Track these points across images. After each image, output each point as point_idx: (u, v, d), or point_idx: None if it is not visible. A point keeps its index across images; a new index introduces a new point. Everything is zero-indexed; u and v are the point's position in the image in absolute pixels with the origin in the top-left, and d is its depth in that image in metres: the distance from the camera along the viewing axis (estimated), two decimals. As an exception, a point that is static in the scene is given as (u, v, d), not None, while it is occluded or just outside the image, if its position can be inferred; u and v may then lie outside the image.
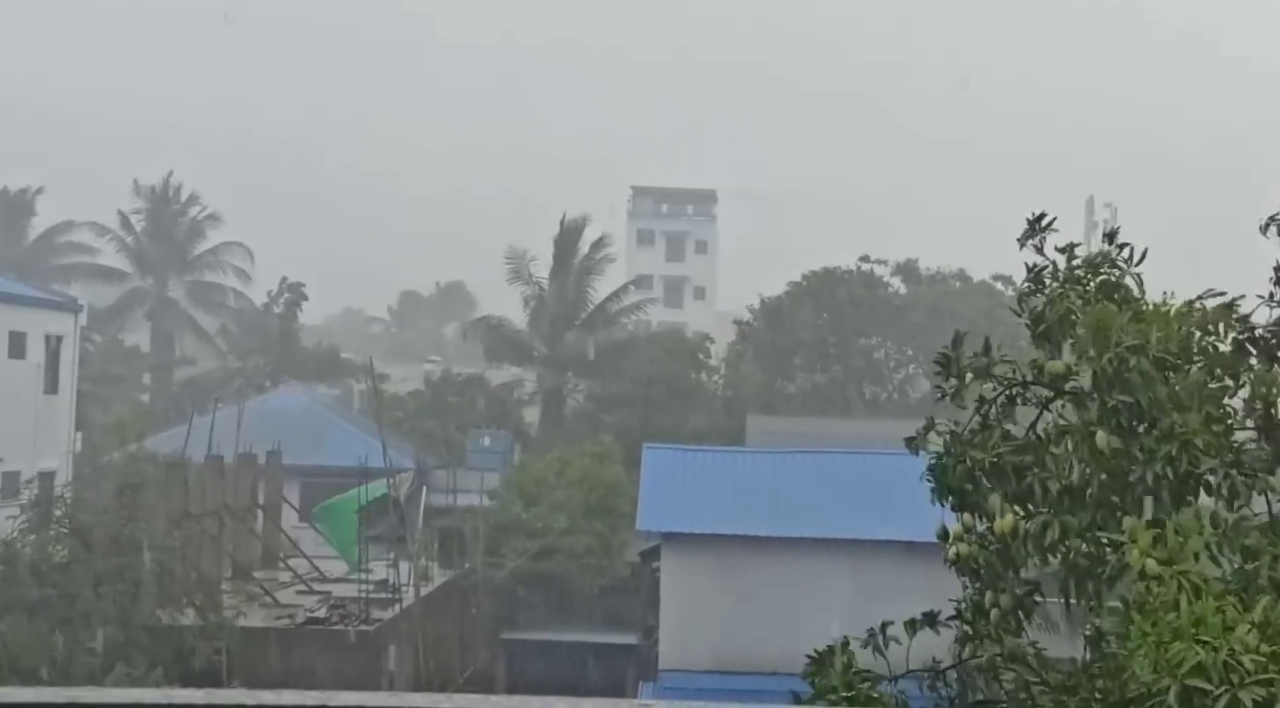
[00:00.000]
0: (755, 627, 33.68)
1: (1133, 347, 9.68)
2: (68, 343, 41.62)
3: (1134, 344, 9.69)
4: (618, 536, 48.00)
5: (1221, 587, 8.51)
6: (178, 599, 31.89)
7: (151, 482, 37.06)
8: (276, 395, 61.74)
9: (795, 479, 37.36)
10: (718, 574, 34.86)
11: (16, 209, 75.51)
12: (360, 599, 36.68)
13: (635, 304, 73.35)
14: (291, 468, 47.96)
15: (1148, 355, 9.68)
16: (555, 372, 69.81)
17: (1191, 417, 9.53)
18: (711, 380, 70.56)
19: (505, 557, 48.02)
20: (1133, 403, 9.63)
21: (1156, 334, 9.77)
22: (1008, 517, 10.15)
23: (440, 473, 50.01)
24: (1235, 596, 8.39)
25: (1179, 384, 9.76)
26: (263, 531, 44.15)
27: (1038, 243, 10.98)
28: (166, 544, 32.19)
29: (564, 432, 63.55)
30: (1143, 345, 9.70)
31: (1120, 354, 9.67)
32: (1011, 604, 10.40)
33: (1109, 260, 10.82)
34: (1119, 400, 9.65)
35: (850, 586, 32.64)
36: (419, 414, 62.18)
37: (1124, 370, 9.65)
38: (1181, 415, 9.55)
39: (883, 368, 69.81)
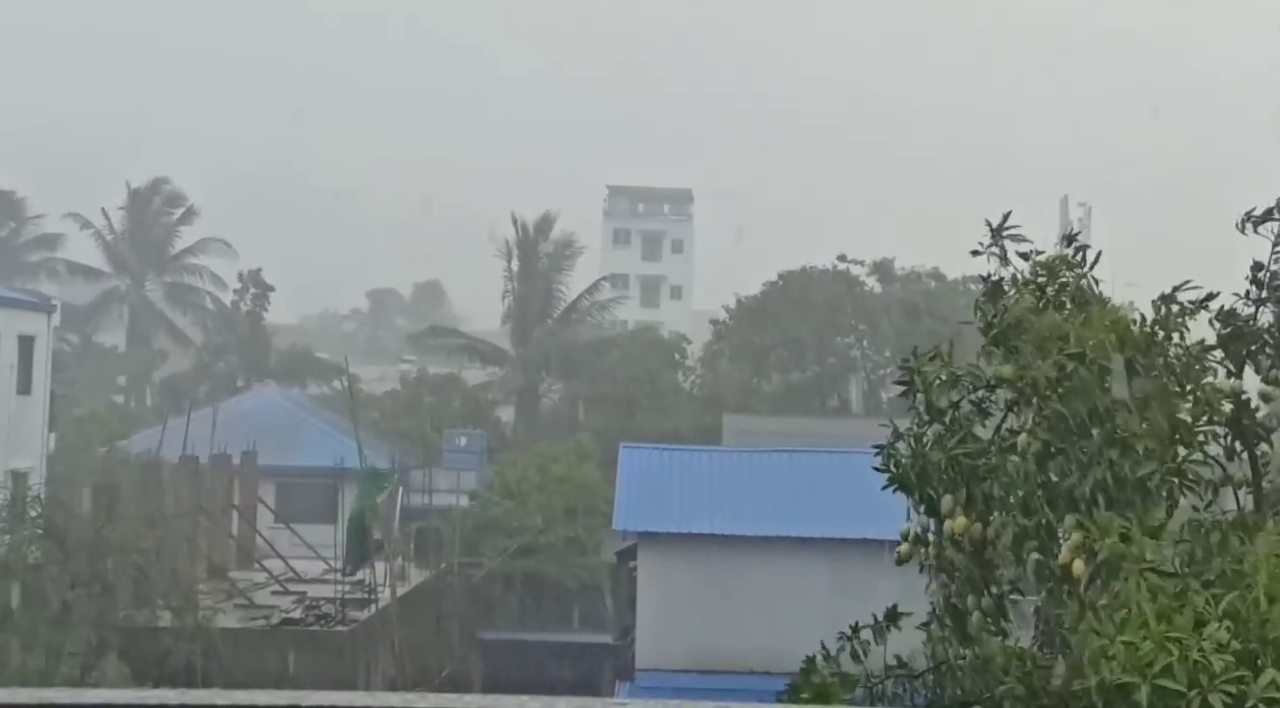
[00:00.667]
0: (733, 626, 33.73)
1: (1072, 354, 9.78)
2: (41, 343, 41.41)
3: (1074, 352, 9.79)
4: (594, 535, 48.06)
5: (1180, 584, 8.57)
6: (153, 601, 31.80)
7: (126, 482, 36.96)
8: (251, 396, 61.64)
9: (772, 478, 37.42)
10: (695, 573, 34.89)
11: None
12: (337, 600, 36.63)
13: (608, 301, 73.39)
14: (267, 468, 47.86)
15: (1085, 363, 9.78)
16: (530, 371, 69.80)
17: (1133, 420, 9.62)
18: (688, 380, 70.63)
19: (482, 557, 48.04)
20: (1071, 411, 9.73)
21: (1095, 340, 9.85)
22: (959, 519, 10.26)
23: (416, 473, 49.95)
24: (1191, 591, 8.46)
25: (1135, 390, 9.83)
26: (238, 531, 44.05)
27: (999, 249, 11.02)
28: (142, 545, 32.06)
29: (540, 431, 63.57)
30: (1082, 354, 9.80)
31: (1059, 361, 9.78)
32: (990, 607, 10.46)
33: (1067, 263, 10.87)
34: (1054, 409, 9.77)
35: (827, 584, 32.71)
36: (395, 414, 62.15)
37: (1063, 378, 9.76)
38: (1125, 419, 9.64)
39: (859, 367, 69.99)
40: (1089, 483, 9.57)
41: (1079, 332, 9.97)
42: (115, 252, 76.32)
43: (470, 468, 53.46)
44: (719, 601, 34.29)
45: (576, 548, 48.54)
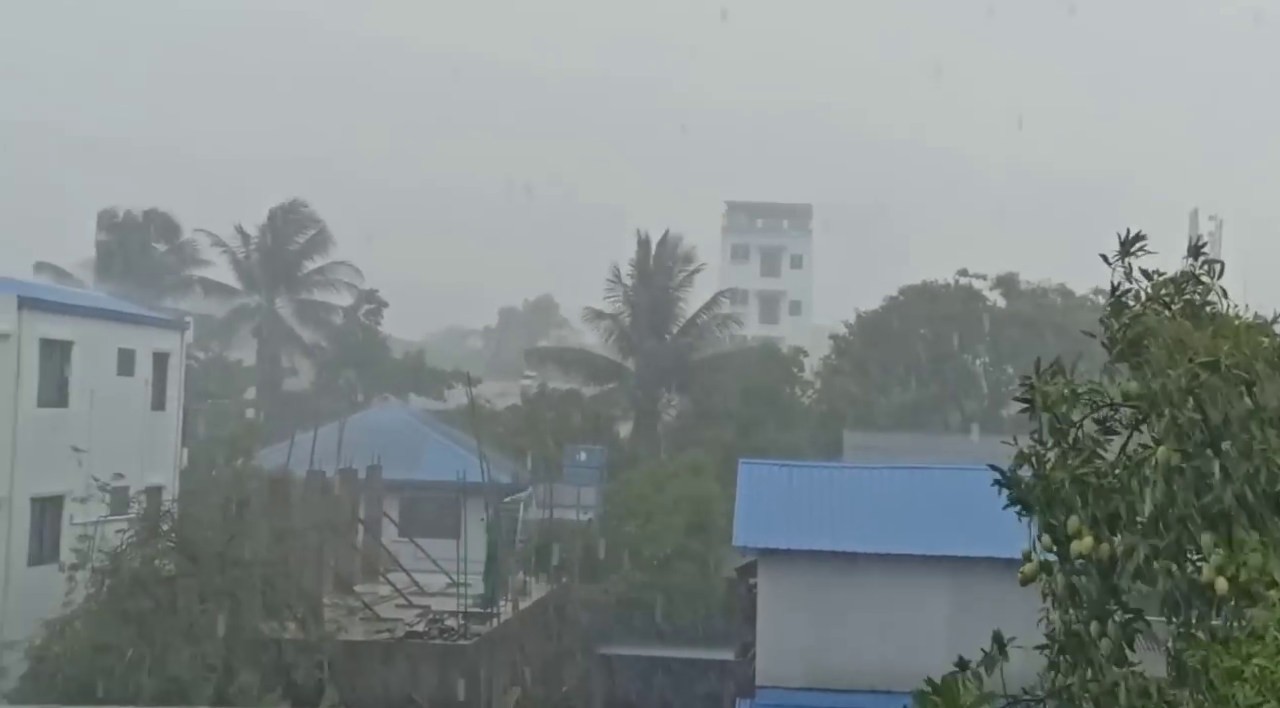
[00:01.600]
0: (852, 643, 33.60)
1: (1205, 363, 9.62)
2: (174, 359, 42.40)
3: (1207, 360, 9.62)
4: (713, 551, 48.06)
5: None
6: (281, 613, 32.36)
7: (255, 497, 37.68)
8: (376, 411, 62.55)
9: (892, 495, 37.21)
10: (814, 591, 34.79)
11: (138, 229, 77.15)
12: (459, 614, 37.01)
13: (726, 316, 73.42)
14: (391, 483, 48.51)
15: (1220, 371, 9.60)
16: (648, 386, 69.97)
17: (1271, 434, 9.43)
18: (807, 395, 70.38)
19: (602, 572, 48.25)
20: (1202, 420, 9.56)
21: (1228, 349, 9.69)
22: (1086, 539, 10.09)
23: (537, 488, 50.35)
24: None
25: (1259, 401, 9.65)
26: (363, 545, 44.67)
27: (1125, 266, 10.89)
28: (270, 559, 32.66)
29: (659, 446, 63.71)
30: (1216, 361, 9.62)
31: (1192, 370, 9.61)
32: (1116, 633, 10.31)
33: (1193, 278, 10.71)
34: (1189, 417, 9.58)
35: (948, 603, 32.49)
36: (516, 429, 62.67)
37: (1195, 387, 9.58)
38: (1262, 432, 9.45)
39: (980, 383, 69.28)
40: (1226, 499, 9.42)
41: (1210, 341, 9.83)
42: (249, 270, 77.96)
43: (590, 483, 53.74)
44: (839, 618, 34.18)
45: (696, 564, 48.57)
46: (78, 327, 37.48)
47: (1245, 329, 10.00)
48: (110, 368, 38.68)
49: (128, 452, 38.28)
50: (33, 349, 35.20)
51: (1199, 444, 9.70)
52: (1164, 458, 9.64)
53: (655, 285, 71.14)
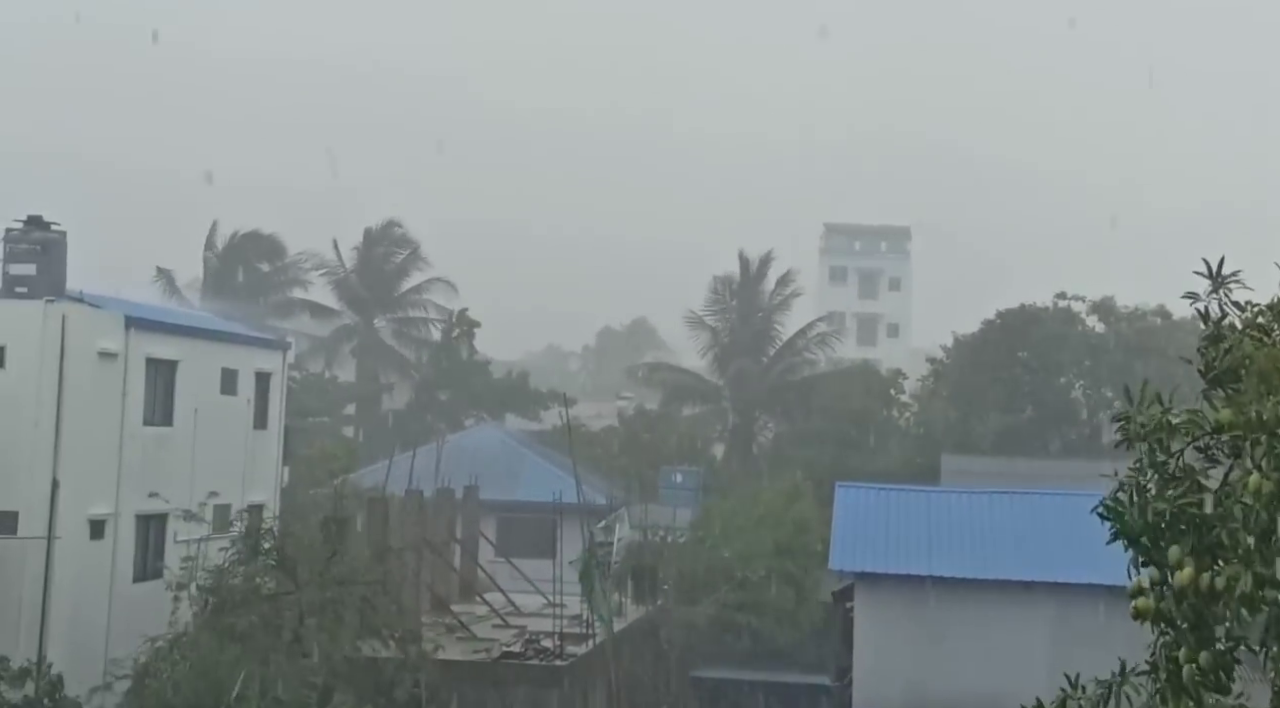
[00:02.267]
0: (951, 670, 33.34)
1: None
2: (276, 379, 42.98)
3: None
4: (810, 574, 47.81)
5: None
6: (379, 631, 32.63)
7: (354, 515, 38.07)
8: (474, 431, 63.00)
9: (991, 520, 36.91)
10: (912, 616, 34.58)
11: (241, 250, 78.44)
12: (555, 634, 37.13)
13: (823, 337, 73.16)
14: (488, 503, 48.84)
15: None
16: (743, 407, 69.90)
17: None
18: (904, 418, 69.94)
19: (699, 593, 48.16)
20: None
21: None
22: (1187, 570, 10.02)
23: (634, 509, 50.43)
24: None
25: None
26: (460, 565, 44.98)
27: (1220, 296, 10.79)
28: (369, 577, 32.96)
29: (754, 468, 63.58)
30: None
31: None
32: (1211, 662, 10.20)
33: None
34: None
35: (1049, 631, 32.16)
36: (613, 450, 62.82)
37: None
38: None
39: (1079, 408, 68.47)
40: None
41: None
42: (348, 289, 78.88)
43: (686, 504, 53.74)
44: (937, 644, 33.93)
45: (793, 587, 48.36)
46: (183, 346, 38.10)
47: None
48: (214, 387, 39.27)
49: (230, 470, 38.85)
50: (139, 368, 35.84)
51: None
52: (1254, 486, 9.58)
53: (754, 306, 71.15)
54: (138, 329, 35.93)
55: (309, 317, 78.11)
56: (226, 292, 72.52)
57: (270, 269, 78.63)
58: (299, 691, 29.29)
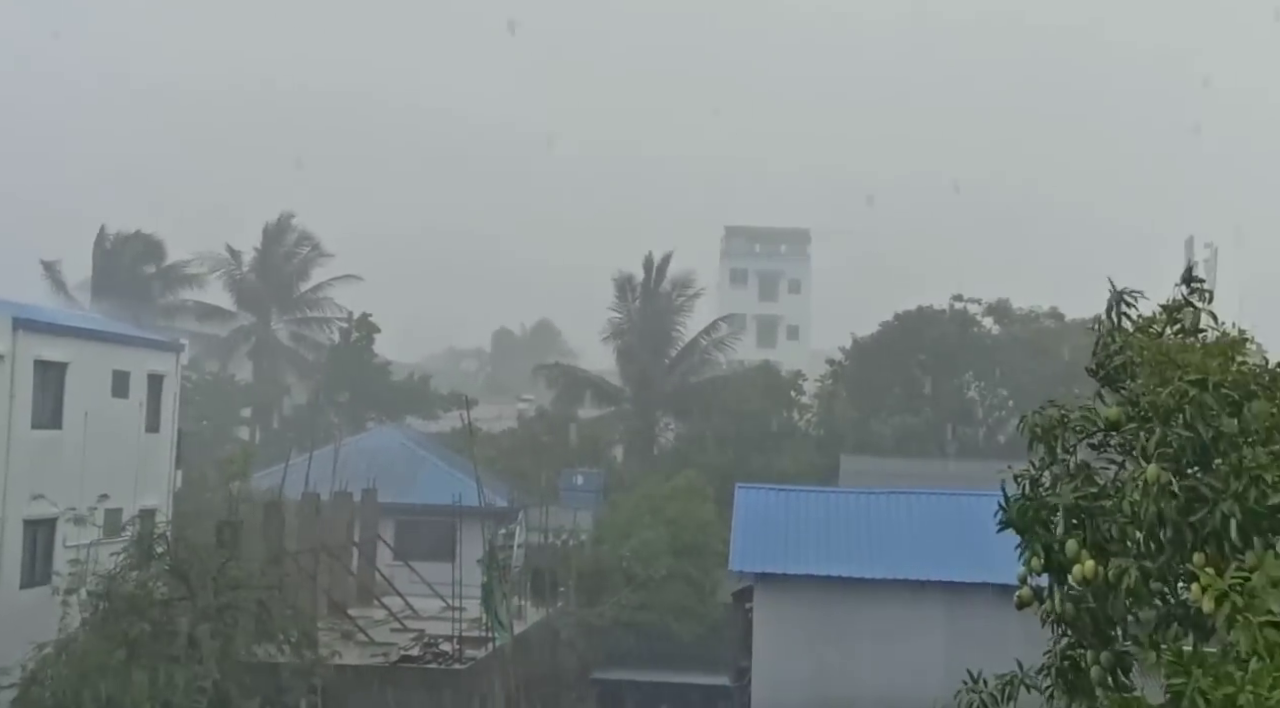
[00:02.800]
0: (848, 669, 33.49)
1: (1195, 380, 9.61)
2: (169, 381, 42.31)
3: (1196, 378, 9.62)
4: (710, 575, 47.89)
5: None
6: (274, 636, 32.20)
7: (250, 519, 37.54)
8: (372, 434, 62.40)
9: (889, 520, 37.14)
10: (811, 616, 34.69)
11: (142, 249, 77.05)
12: (454, 638, 36.86)
13: (724, 340, 73.33)
14: (387, 506, 48.39)
15: (1208, 388, 9.59)
16: (645, 409, 69.90)
17: (1259, 451, 9.42)
18: (804, 419, 70.27)
19: (599, 595, 48.08)
20: (1193, 437, 9.55)
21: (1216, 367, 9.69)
22: (1087, 563, 10.07)
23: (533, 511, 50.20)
24: None
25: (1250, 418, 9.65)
26: (358, 568, 44.53)
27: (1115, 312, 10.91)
28: (264, 582, 32.52)
29: (655, 469, 63.58)
30: (1204, 379, 9.62)
31: (1180, 388, 9.61)
32: (1112, 661, 10.26)
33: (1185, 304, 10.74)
34: (1178, 435, 9.57)
35: (945, 630, 32.40)
36: (513, 452, 62.54)
37: (1185, 404, 9.59)
38: (1252, 450, 9.44)
39: (975, 408, 69.22)
40: (1216, 517, 9.39)
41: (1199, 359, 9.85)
42: (244, 290, 77.81)
43: (587, 506, 53.62)
44: (836, 644, 34.07)
45: (692, 588, 48.41)
46: (72, 348, 37.36)
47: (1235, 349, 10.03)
48: (105, 389, 38.57)
49: (121, 474, 38.17)
50: (27, 370, 35.10)
51: (1189, 464, 9.70)
52: (1153, 476, 9.64)
53: (655, 308, 71.19)
54: (26, 330, 35.18)
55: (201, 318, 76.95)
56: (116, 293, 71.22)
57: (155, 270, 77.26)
58: (192, 696, 28.81)
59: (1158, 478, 9.66)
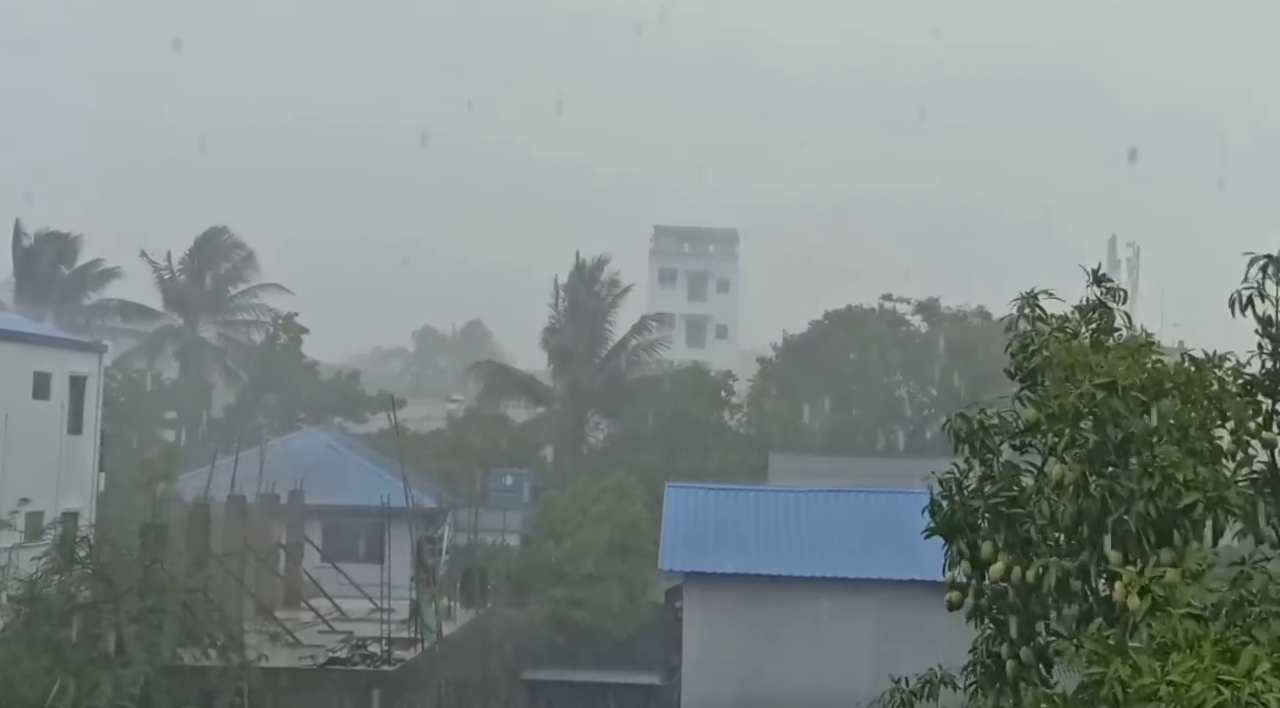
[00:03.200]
0: (779, 667, 33.56)
1: (1102, 383, 9.72)
2: (91, 383, 41.76)
3: (1104, 381, 9.73)
4: (640, 575, 47.90)
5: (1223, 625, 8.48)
6: (201, 640, 31.88)
7: (175, 522, 37.14)
8: (299, 435, 61.91)
9: (818, 518, 37.27)
10: (741, 614, 34.74)
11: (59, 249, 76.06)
12: (382, 639, 36.64)
13: (654, 341, 73.40)
14: (314, 507, 48.04)
15: (1117, 391, 9.71)
16: (575, 410, 69.82)
17: (1172, 451, 9.54)
18: (734, 419, 70.46)
19: (529, 596, 47.97)
20: (1103, 439, 9.66)
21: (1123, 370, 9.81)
22: (999, 563, 10.20)
23: (463, 512, 50.02)
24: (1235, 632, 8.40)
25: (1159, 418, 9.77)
26: (285, 570, 44.17)
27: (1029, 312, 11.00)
28: (190, 585, 32.19)
29: (585, 470, 63.50)
30: (1113, 382, 9.73)
31: (1089, 391, 9.71)
32: (1031, 656, 10.36)
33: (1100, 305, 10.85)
34: (1089, 437, 9.68)
35: (874, 626, 32.54)
36: (441, 453, 62.26)
37: (1093, 406, 9.70)
38: (1164, 449, 9.56)
39: (905, 407, 69.67)
40: (1132, 517, 9.50)
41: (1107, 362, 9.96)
42: (172, 292, 77.29)
43: (516, 507, 53.48)
44: (765, 642, 34.14)
45: (623, 588, 48.38)
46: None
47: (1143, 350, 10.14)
48: (25, 391, 38.04)
49: (43, 477, 37.64)
50: (-55, 373, 34.58)
51: (1106, 464, 9.80)
52: (1058, 476, 9.77)
53: (586, 308, 71.12)
54: (-57, 332, 34.65)
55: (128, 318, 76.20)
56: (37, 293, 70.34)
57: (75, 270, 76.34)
58: (118, 702, 28.47)
59: (1062, 478, 9.80)
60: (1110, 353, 10.18)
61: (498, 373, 73.32)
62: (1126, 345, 10.31)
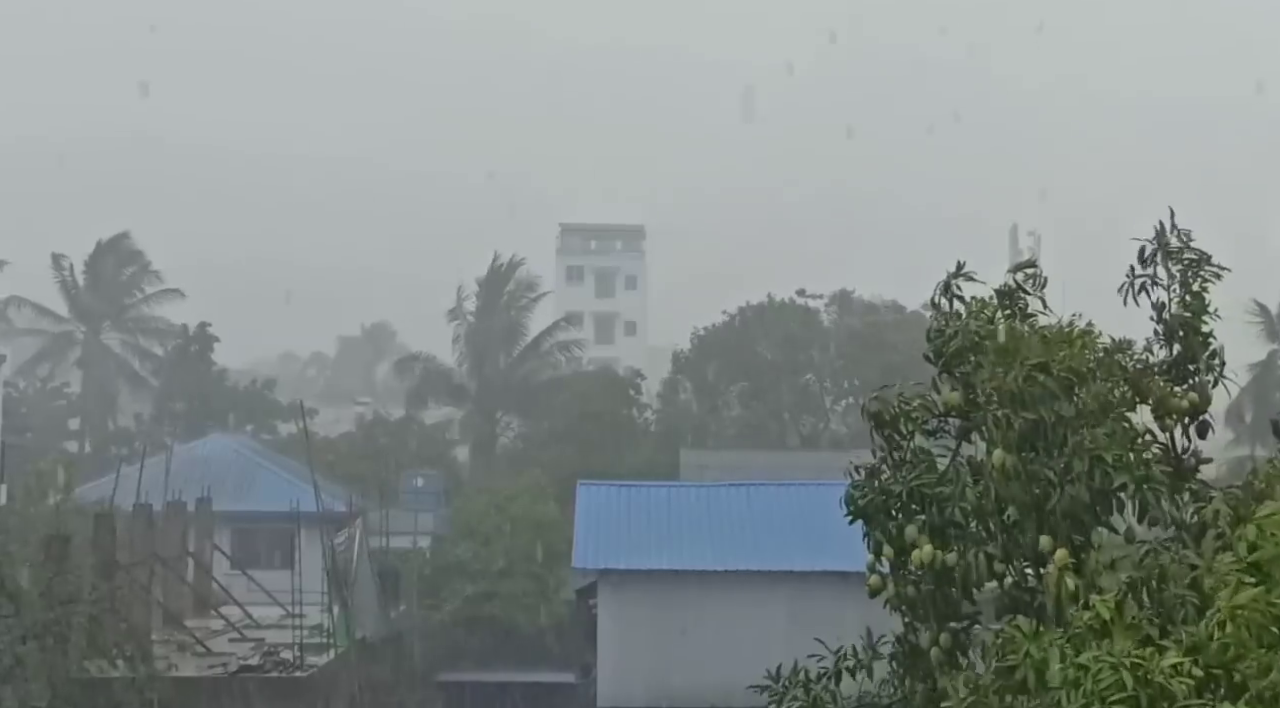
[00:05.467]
0: (693, 661, 33.60)
1: (1038, 364, 9.81)
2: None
3: (1039, 362, 9.81)
4: (554, 574, 47.79)
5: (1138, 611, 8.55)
6: (108, 651, 31.35)
7: (79, 532, 36.49)
8: (205, 441, 61.11)
9: (730, 513, 37.39)
10: (655, 610, 34.77)
11: None
12: (294, 646, 36.27)
13: (566, 342, 73.36)
14: (222, 514, 47.43)
15: (1052, 373, 9.80)
16: (486, 410, 69.59)
17: (1100, 434, 9.64)
18: (644, 416, 70.53)
19: (442, 598, 47.72)
20: (1038, 420, 9.73)
21: (1060, 353, 9.91)
22: (925, 548, 10.22)
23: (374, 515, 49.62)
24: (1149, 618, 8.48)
25: (1085, 400, 9.87)
26: (194, 579, 43.60)
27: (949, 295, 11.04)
28: (95, 596, 31.63)
29: (497, 470, 63.31)
30: (1047, 363, 9.82)
31: (1026, 372, 9.78)
32: (949, 641, 10.38)
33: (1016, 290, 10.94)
34: (1023, 418, 9.75)
35: (787, 617, 32.64)
36: (351, 456, 61.78)
37: (1030, 388, 9.76)
38: (1091, 432, 9.65)
39: (817, 400, 70.06)
40: (1064, 499, 9.57)
41: (1041, 345, 10.03)
42: (74, 300, 76.28)
43: (428, 509, 53.15)
44: (680, 636, 34.18)
45: (537, 587, 48.26)
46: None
47: (1084, 338, 10.23)
48: (-79, 403, 37.25)
49: (-60, 489, 36.88)
50: None
51: (1031, 448, 9.85)
52: (999, 461, 9.78)
53: (496, 310, 70.95)
54: None
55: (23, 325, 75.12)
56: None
57: None
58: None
59: (1003, 463, 9.82)
60: (1045, 337, 10.25)
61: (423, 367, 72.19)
62: (1065, 331, 10.38)
